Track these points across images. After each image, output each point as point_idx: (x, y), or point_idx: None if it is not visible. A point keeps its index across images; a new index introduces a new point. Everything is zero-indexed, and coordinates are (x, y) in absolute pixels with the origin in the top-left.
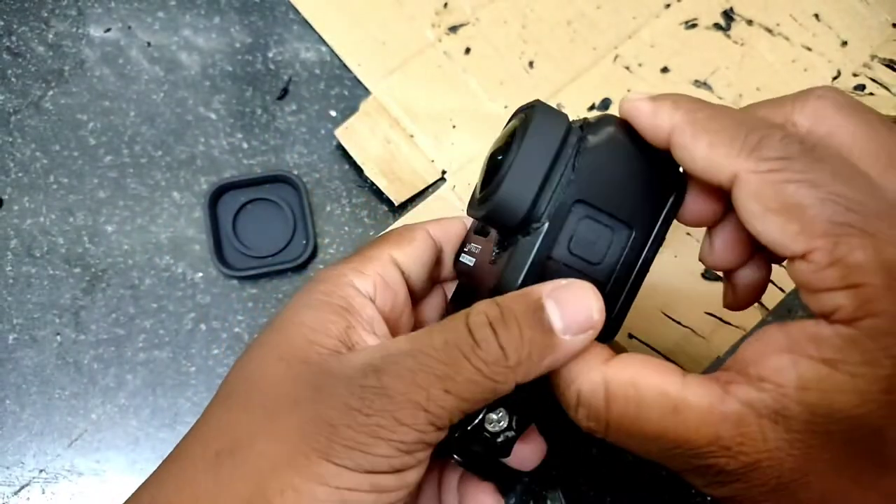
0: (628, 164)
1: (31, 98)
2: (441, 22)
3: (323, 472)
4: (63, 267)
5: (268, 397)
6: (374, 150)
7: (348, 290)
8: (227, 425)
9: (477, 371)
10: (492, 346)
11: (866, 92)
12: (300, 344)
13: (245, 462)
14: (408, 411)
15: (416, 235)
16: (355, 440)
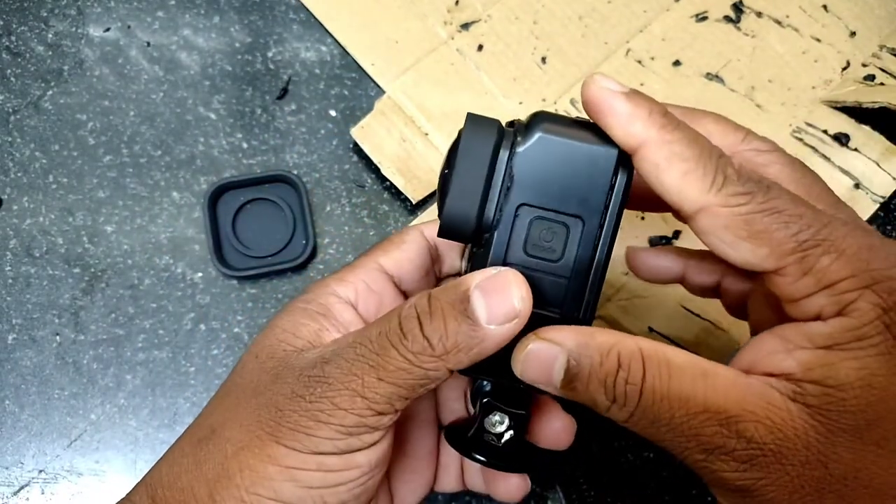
0: (564, 159)
1: (31, 98)
2: (453, 19)
3: (273, 453)
4: (62, 267)
5: (239, 388)
6: (391, 148)
7: (328, 297)
8: (208, 415)
9: (405, 360)
10: (417, 337)
11: (876, 82)
12: (272, 343)
13: (216, 446)
14: (345, 397)
15: (407, 238)
16: (300, 424)
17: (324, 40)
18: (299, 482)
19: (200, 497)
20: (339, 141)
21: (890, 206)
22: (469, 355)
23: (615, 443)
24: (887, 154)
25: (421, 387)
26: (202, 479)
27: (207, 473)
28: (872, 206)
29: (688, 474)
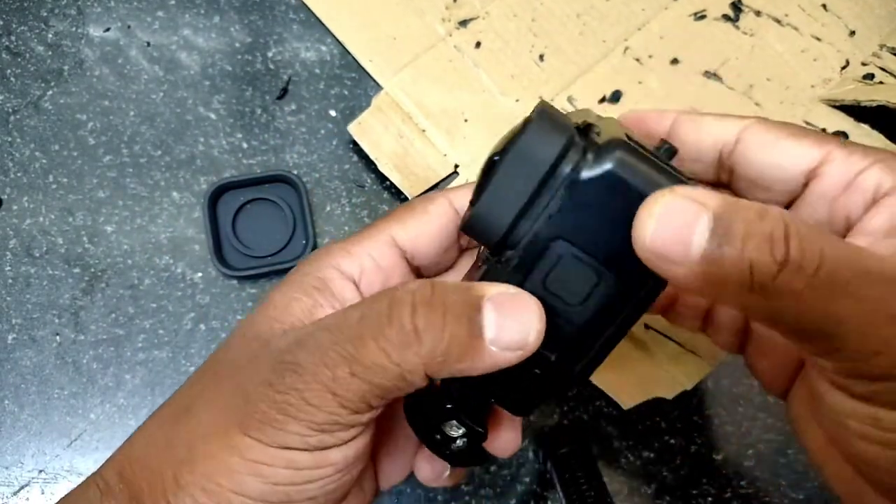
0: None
1: (31, 98)
2: (451, 16)
3: (238, 444)
4: (62, 267)
5: (218, 366)
6: (388, 145)
7: (328, 270)
8: (186, 391)
9: (382, 353)
10: (405, 325)
11: (875, 81)
12: (261, 320)
13: (187, 426)
14: (315, 392)
15: (431, 208)
16: (267, 415)
17: (324, 40)
18: (264, 477)
19: (166, 478)
20: (339, 141)
21: None
22: (454, 368)
23: (615, 443)
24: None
25: (397, 389)
26: (171, 460)
27: (176, 455)
28: None
29: (688, 474)
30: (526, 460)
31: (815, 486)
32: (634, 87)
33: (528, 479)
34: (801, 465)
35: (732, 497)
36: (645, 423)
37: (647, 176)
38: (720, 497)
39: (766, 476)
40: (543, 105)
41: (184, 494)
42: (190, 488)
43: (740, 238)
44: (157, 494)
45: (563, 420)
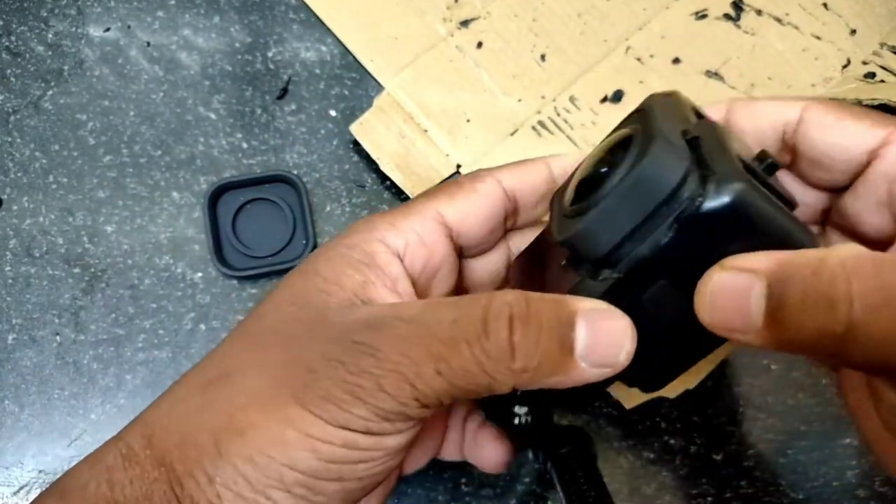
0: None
1: (31, 98)
2: (452, 16)
3: (295, 417)
4: (62, 267)
5: (265, 333)
6: (390, 145)
7: (374, 244)
8: (222, 356)
9: (476, 362)
10: (502, 341)
11: (876, 79)
12: (311, 291)
13: (226, 393)
14: (392, 381)
15: (480, 187)
16: (332, 394)
17: (324, 40)
18: (319, 454)
19: (203, 446)
20: (340, 141)
21: None
22: (544, 381)
23: (615, 443)
24: None
25: (476, 393)
26: (206, 426)
27: (213, 421)
28: None
29: (688, 474)
30: (526, 460)
31: (815, 486)
32: (636, 86)
33: (528, 479)
34: (801, 465)
35: (732, 497)
36: (645, 424)
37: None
38: (720, 497)
39: (766, 476)
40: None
41: (225, 464)
42: (233, 458)
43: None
44: (190, 462)
45: (563, 420)
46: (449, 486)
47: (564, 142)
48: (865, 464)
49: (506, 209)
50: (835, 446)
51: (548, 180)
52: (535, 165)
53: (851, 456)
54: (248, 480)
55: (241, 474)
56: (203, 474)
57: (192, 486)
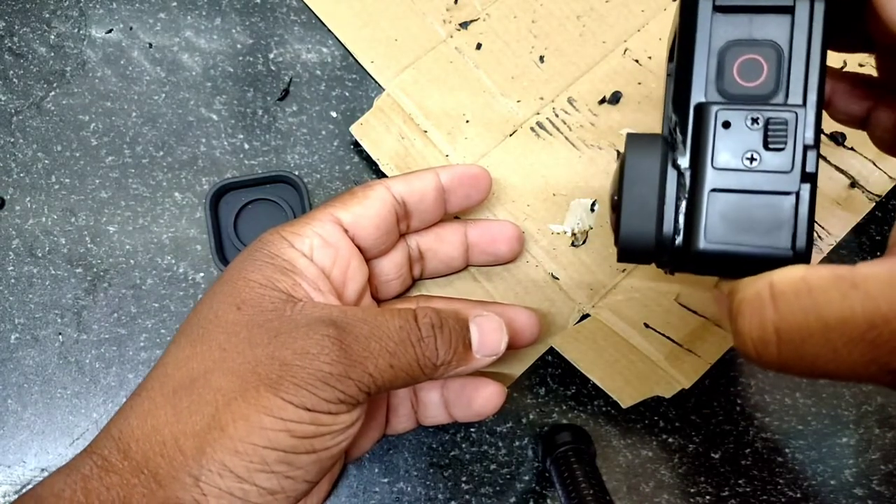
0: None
1: (33, 99)
2: (452, 18)
3: (270, 405)
4: (65, 267)
5: (224, 338)
6: (389, 145)
7: (289, 251)
8: (184, 362)
9: (415, 358)
10: (431, 343)
11: None
12: (253, 295)
13: (201, 395)
14: (357, 370)
15: (371, 193)
16: (306, 381)
17: (325, 42)
18: (292, 433)
19: (187, 450)
20: (341, 142)
21: (887, 205)
22: (453, 371)
23: (613, 442)
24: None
25: (404, 384)
26: (188, 431)
27: (194, 425)
28: (868, 205)
29: (686, 472)
30: (525, 459)
31: (812, 484)
32: (634, 87)
33: (527, 477)
34: (799, 463)
35: (730, 495)
36: (643, 422)
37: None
38: (718, 495)
39: (763, 475)
40: (630, 134)
41: (210, 462)
42: (219, 454)
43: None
44: (175, 466)
45: (562, 419)
46: (449, 485)
47: (563, 143)
48: (863, 462)
49: (397, 213)
50: (832, 445)
51: (436, 187)
52: (424, 174)
53: (849, 455)
54: (235, 472)
55: (228, 468)
56: (188, 476)
57: (177, 487)
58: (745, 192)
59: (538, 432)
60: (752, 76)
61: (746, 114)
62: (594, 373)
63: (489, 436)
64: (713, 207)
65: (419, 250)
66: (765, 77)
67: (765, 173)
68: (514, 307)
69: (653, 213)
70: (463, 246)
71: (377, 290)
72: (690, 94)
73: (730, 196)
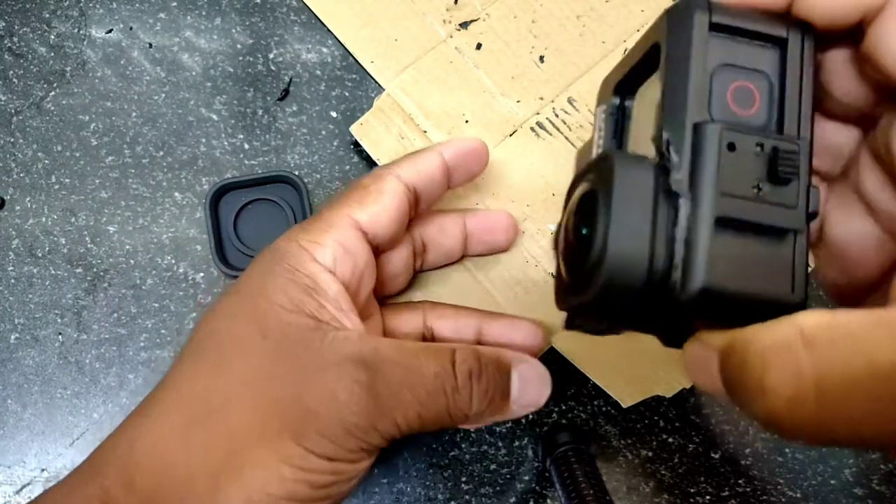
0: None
1: (33, 99)
2: (452, 18)
3: (292, 454)
4: (65, 267)
5: (246, 369)
6: (389, 145)
7: (311, 266)
8: (201, 390)
9: (447, 408)
10: (466, 394)
11: None
12: (278, 322)
13: (217, 431)
14: (386, 421)
15: (385, 187)
16: (331, 430)
17: (325, 42)
18: (312, 483)
19: (200, 488)
20: (340, 142)
21: None
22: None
23: (614, 442)
24: None
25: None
26: (203, 469)
27: (209, 464)
28: None
29: (686, 472)
30: (525, 459)
31: (812, 484)
32: None
33: (527, 477)
34: (799, 463)
35: (730, 496)
36: (643, 422)
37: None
38: (718, 495)
39: (763, 475)
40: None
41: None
42: (233, 499)
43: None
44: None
45: (562, 419)
46: (449, 485)
47: (563, 143)
48: (863, 462)
49: (410, 203)
50: None
51: (441, 167)
52: (428, 154)
53: (849, 455)
54: None
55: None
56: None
57: None
58: (751, 223)
59: (538, 432)
60: (745, 104)
61: (752, 139)
62: (594, 372)
63: (489, 436)
64: (718, 240)
65: (423, 242)
66: (758, 107)
67: (771, 206)
68: (522, 322)
69: (646, 246)
70: (462, 236)
71: (383, 286)
72: (686, 113)
73: (735, 228)
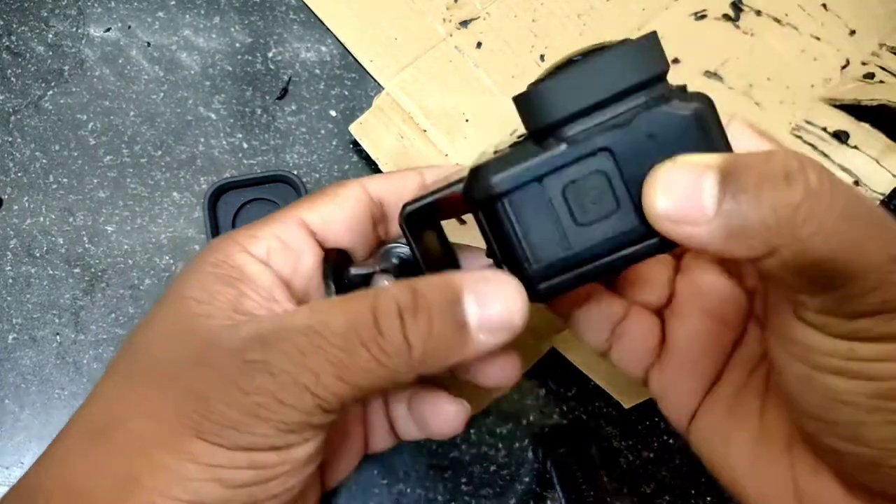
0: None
1: (31, 98)
2: (452, 17)
3: (195, 450)
4: (63, 267)
5: (148, 373)
6: (389, 145)
7: (240, 257)
8: (105, 403)
9: (376, 362)
10: (396, 337)
11: (875, 80)
12: (186, 317)
13: (117, 442)
14: (292, 393)
15: (342, 191)
16: (230, 418)
17: (324, 40)
18: (225, 482)
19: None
20: (340, 141)
21: (890, 204)
22: (445, 363)
23: (615, 443)
24: (887, 152)
25: (381, 389)
26: (102, 483)
27: (108, 477)
28: None
29: (688, 474)
30: (525, 460)
31: None
32: None
33: (527, 478)
34: None
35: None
36: (644, 423)
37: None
38: (720, 497)
39: None
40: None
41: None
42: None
43: (753, 182)
44: None
45: (563, 420)
46: (448, 486)
47: None
48: None
49: (373, 214)
50: None
51: (420, 187)
52: (407, 173)
53: None
54: None
55: None
56: None
57: None
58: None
59: (539, 433)
60: None
61: None
62: (595, 373)
63: (489, 437)
64: None
65: None
66: None
67: None
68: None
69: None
70: None
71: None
72: None
73: None
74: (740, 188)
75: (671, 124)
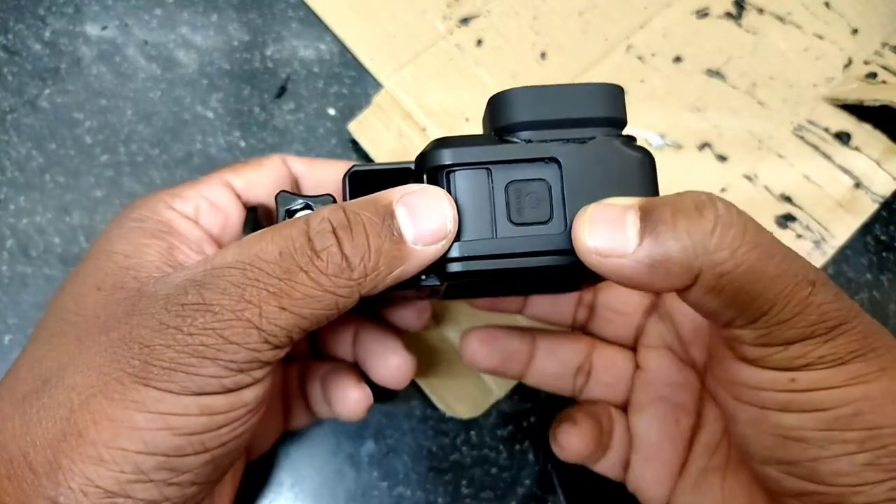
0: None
1: (27, 96)
2: (452, 14)
3: (141, 398)
4: (59, 267)
5: (79, 327)
6: (388, 143)
7: (167, 212)
8: (36, 362)
9: (316, 284)
10: (334, 256)
11: (878, 80)
12: (115, 271)
13: (53, 398)
14: (237, 329)
15: (266, 162)
16: (177, 361)
17: (322, 38)
18: (176, 429)
19: (37, 465)
20: (338, 140)
21: (892, 206)
22: (388, 279)
23: None
24: (888, 153)
25: (326, 317)
26: (39, 442)
27: (46, 434)
28: (872, 206)
29: None
30: (526, 462)
31: None
32: (637, 85)
33: (528, 481)
34: None
35: None
36: None
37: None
38: None
39: None
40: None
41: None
42: (79, 466)
43: (670, 214)
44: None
45: None
46: (449, 489)
47: None
48: None
49: (291, 186)
50: None
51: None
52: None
53: None
54: (102, 486)
55: (93, 482)
56: (43, 499)
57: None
58: None
59: (540, 436)
60: None
61: None
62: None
63: (490, 439)
64: None
65: None
66: None
67: None
68: None
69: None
70: None
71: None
72: None
73: None
74: (659, 220)
75: (620, 159)
